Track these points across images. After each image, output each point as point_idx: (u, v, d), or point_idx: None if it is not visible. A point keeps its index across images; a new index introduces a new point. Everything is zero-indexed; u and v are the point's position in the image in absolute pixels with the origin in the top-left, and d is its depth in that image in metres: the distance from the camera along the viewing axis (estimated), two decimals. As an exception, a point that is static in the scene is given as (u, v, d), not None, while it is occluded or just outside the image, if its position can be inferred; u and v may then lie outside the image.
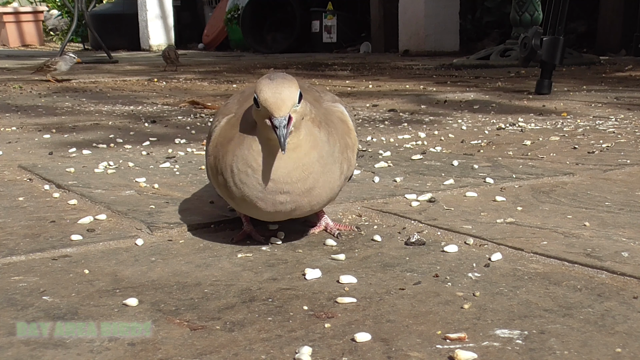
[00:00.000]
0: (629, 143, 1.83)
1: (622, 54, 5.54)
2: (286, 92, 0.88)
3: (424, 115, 2.49)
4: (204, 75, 4.64)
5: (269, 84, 0.89)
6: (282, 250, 1.01)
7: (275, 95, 0.88)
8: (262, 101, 0.88)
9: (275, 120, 0.88)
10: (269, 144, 0.92)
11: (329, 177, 0.96)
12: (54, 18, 11.37)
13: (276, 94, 0.88)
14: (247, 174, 0.93)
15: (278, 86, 0.89)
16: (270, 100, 0.88)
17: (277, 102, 0.88)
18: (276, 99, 0.88)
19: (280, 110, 0.88)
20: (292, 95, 0.89)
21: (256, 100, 0.89)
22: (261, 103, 0.88)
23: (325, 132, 0.95)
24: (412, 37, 6.32)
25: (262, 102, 0.88)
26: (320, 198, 0.97)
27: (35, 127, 2.33)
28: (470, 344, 0.70)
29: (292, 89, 0.89)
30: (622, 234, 1.04)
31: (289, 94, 0.88)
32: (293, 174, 0.92)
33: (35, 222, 1.17)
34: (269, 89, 0.88)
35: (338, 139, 0.98)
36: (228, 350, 0.69)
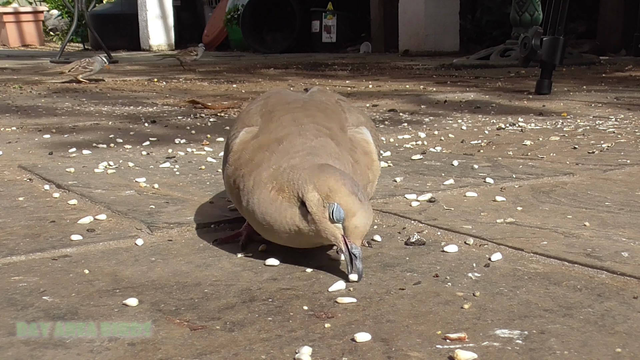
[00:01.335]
0: (629, 143, 1.83)
1: (622, 54, 5.54)
2: (371, 222, 0.86)
3: (424, 115, 2.49)
4: (204, 75, 4.64)
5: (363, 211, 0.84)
6: (282, 250, 1.01)
7: (367, 227, 0.85)
8: (352, 226, 0.84)
9: (355, 248, 0.85)
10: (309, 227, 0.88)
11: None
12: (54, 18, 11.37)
13: (367, 225, 0.85)
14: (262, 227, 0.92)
15: (369, 215, 0.85)
16: (360, 229, 0.85)
17: (364, 233, 0.85)
18: (365, 229, 0.85)
19: (363, 239, 0.86)
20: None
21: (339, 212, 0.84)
22: (349, 227, 0.84)
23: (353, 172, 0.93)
24: (412, 37, 6.32)
25: (350, 227, 0.84)
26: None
27: (35, 127, 2.33)
28: (470, 344, 0.70)
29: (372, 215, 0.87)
30: (622, 234, 1.04)
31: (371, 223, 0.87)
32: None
33: (35, 222, 1.17)
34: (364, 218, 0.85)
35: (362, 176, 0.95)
36: (228, 350, 0.69)
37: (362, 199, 0.84)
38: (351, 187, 0.84)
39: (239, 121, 1.02)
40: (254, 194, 0.90)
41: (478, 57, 4.96)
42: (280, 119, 0.96)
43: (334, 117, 0.98)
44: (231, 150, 0.97)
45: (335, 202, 0.83)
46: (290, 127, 0.94)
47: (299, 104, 1.00)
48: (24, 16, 10.27)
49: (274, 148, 0.92)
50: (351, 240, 0.85)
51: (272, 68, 5.25)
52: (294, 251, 0.98)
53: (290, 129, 0.93)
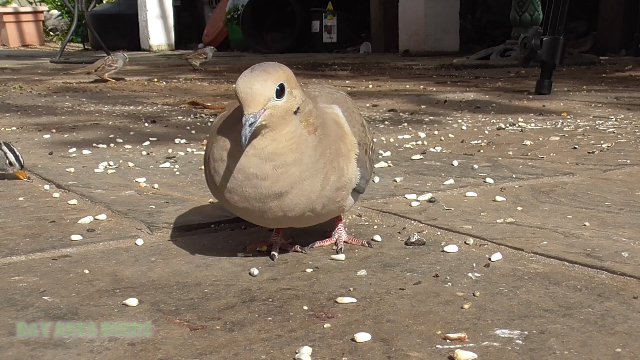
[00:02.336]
0: (629, 143, 1.83)
1: (622, 54, 5.54)
2: (258, 85, 0.81)
3: (424, 115, 2.49)
4: (204, 75, 4.64)
5: (244, 76, 0.83)
6: (282, 250, 1.01)
7: (246, 89, 0.82)
8: (236, 94, 0.83)
9: (244, 116, 0.81)
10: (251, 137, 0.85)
11: (305, 187, 0.87)
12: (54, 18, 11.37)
13: (247, 88, 0.82)
14: (222, 160, 0.87)
15: (252, 79, 0.82)
16: (240, 94, 0.82)
17: (246, 97, 0.81)
18: (246, 93, 0.82)
19: (249, 106, 0.81)
20: (266, 90, 0.82)
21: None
22: (236, 95, 0.83)
23: (315, 137, 0.87)
24: (412, 37, 6.32)
25: (236, 95, 0.83)
26: (294, 207, 0.88)
27: (35, 127, 2.33)
28: (470, 344, 0.70)
29: (267, 82, 0.82)
30: (622, 234, 1.04)
31: (261, 88, 0.81)
32: (263, 168, 0.84)
33: (35, 222, 1.17)
34: (242, 82, 0.82)
35: (329, 145, 0.89)
36: (228, 350, 0.69)
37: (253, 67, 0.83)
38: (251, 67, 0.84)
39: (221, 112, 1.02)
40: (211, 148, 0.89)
41: (478, 57, 4.96)
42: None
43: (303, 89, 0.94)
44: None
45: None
46: None
47: None
48: (24, 16, 10.26)
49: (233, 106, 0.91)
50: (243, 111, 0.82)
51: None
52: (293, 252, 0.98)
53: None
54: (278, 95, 0.83)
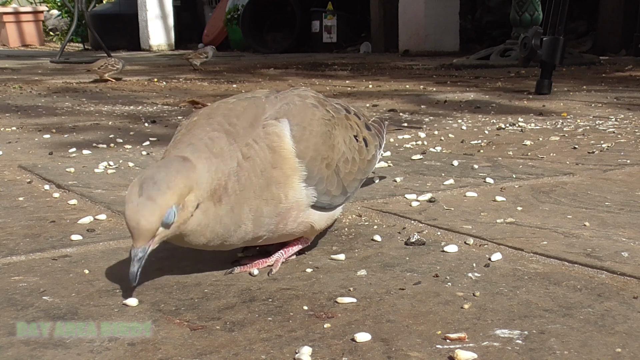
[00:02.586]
0: (629, 143, 1.83)
1: (622, 54, 5.54)
2: (143, 222, 0.76)
3: (424, 115, 2.49)
4: (204, 75, 4.64)
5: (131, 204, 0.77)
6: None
7: (132, 223, 0.77)
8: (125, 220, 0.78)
9: (132, 249, 0.78)
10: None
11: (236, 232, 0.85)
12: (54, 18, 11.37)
13: (133, 222, 0.77)
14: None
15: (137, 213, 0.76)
16: (128, 225, 0.77)
17: (133, 232, 0.77)
18: (132, 228, 0.77)
19: (138, 240, 0.77)
20: (151, 226, 0.76)
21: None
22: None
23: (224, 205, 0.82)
24: (412, 37, 6.32)
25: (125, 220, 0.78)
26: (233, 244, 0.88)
27: (35, 127, 2.33)
28: (470, 344, 0.70)
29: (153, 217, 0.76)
30: (622, 234, 1.04)
31: (147, 225, 0.76)
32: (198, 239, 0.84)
33: (35, 222, 1.17)
34: (129, 212, 0.77)
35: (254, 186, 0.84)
36: (228, 350, 0.69)
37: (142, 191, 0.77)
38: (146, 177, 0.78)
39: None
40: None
41: (478, 57, 4.96)
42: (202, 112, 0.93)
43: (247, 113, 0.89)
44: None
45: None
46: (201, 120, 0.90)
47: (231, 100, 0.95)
48: (24, 16, 10.27)
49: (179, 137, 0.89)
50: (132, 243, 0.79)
51: (272, 68, 5.25)
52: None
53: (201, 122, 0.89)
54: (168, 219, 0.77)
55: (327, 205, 0.93)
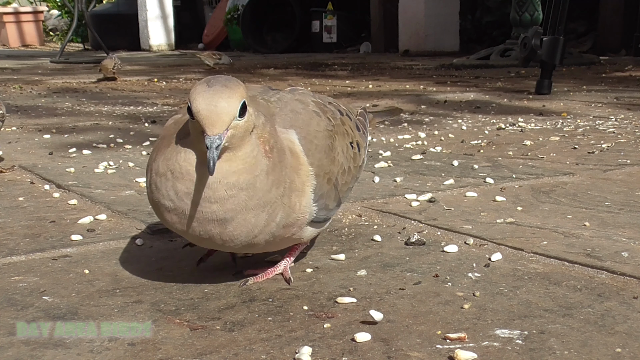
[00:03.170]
0: (629, 143, 1.83)
1: (622, 54, 5.54)
2: (223, 103, 0.73)
3: (424, 115, 2.49)
4: (204, 76, 4.64)
5: (204, 93, 0.74)
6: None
7: (210, 107, 0.73)
8: (195, 113, 0.74)
9: (207, 138, 0.73)
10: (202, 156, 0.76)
11: (250, 218, 0.79)
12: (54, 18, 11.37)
13: (210, 106, 0.73)
14: (166, 178, 0.78)
15: (214, 96, 0.74)
16: (203, 113, 0.73)
17: (210, 117, 0.73)
18: (210, 112, 0.73)
19: (214, 126, 0.73)
20: (231, 109, 0.74)
21: (190, 109, 0.75)
22: (194, 115, 0.74)
23: (270, 162, 0.79)
24: (412, 37, 6.32)
25: (195, 114, 0.74)
26: (234, 238, 0.80)
27: (35, 127, 2.33)
28: (470, 344, 0.70)
29: (231, 100, 0.74)
30: (622, 234, 1.04)
31: (227, 107, 0.74)
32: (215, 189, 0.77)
33: (35, 222, 1.17)
34: (203, 99, 0.74)
35: (284, 177, 0.80)
36: (228, 350, 0.69)
37: (210, 83, 0.74)
38: (207, 78, 0.76)
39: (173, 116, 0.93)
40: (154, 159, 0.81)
41: (478, 57, 4.96)
42: None
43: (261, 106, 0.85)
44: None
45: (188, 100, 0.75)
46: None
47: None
48: (24, 16, 10.26)
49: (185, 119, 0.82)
50: (205, 132, 0.73)
51: (272, 68, 5.25)
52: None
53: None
54: (240, 114, 0.75)
55: (322, 219, 0.88)
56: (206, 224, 0.78)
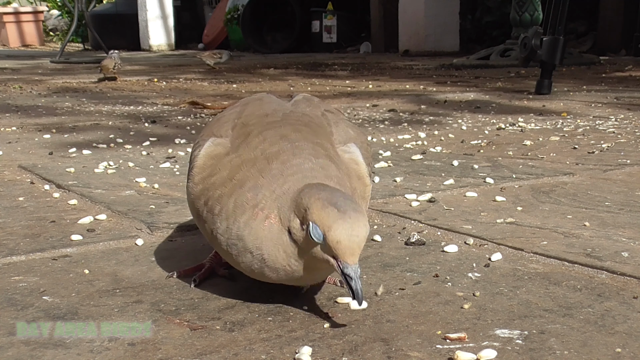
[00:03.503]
0: (629, 143, 1.83)
1: (622, 54, 5.54)
2: (363, 233, 0.70)
3: (424, 115, 2.49)
4: (204, 75, 4.64)
5: (342, 222, 0.69)
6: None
7: (352, 238, 0.69)
8: (333, 242, 0.69)
9: (348, 268, 0.69)
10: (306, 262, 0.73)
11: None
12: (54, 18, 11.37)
13: (353, 237, 0.69)
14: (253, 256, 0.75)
15: (354, 226, 0.69)
16: (345, 243, 0.69)
17: (352, 247, 0.69)
18: (352, 243, 0.69)
19: (355, 255, 0.69)
20: (367, 235, 0.71)
21: (316, 230, 0.70)
22: (330, 243, 0.69)
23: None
24: (412, 37, 6.32)
25: (331, 243, 0.69)
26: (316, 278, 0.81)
27: (35, 127, 2.33)
28: (470, 344, 0.70)
29: (367, 226, 0.71)
30: (622, 234, 1.04)
31: (366, 235, 0.70)
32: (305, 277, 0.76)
33: (35, 222, 1.17)
34: (344, 230, 0.69)
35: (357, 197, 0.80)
36: (228, 350, 0.69)
37: (342, 209, 0.69)
38: (328, 198, 0.71)
39: (207, 128, 0.88)
40: (236, 218, 0.75)
41: (478, 57, 4.96)
42: (262, 134, 0.81)
43: (320, 132, 0.83)
44: (196, 165, 0.83)
45: (310, 220, 0.70)
46: (280, 144, 0.79)
47: (277, 117, 0.85)
48: (24, 16, 10.26)
49: (262, 166, 0.77)
50: (341, 259, 0.70)
51: (272, 68, 5.25)
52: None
53: (281, 146, 0.79)
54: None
55: None
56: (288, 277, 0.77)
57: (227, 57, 5.18)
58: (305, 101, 0.92)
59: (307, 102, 0.92)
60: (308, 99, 0.93)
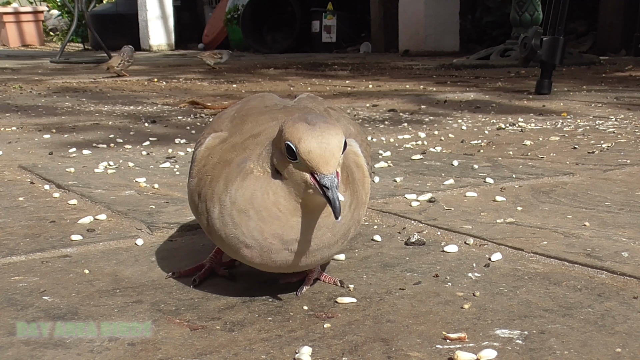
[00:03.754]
0: (629, 143, 1.83)
1: (622, 54, 5.54)
2: (334, 141, 0.70)
3: (424, 115, 2.49)
4: (204, 75, 4.64)
5: (311, 131, 0.70)
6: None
7: (322, 145, 0.69)
8: (304, 153, 0.69)
9: (324, 178, 0.69)
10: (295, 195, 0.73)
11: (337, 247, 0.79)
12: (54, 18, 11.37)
13: (323, 144, 0.69)
14: (248, 217, 0.74)
15: (324, 134, 0.70)
16: (316, 151, 0.69)
17: (325, 155, 0.69)
18: (324, 150, 0.69)
19: (329, 165, 0.69)
20: (341, 145, 0.70)
21: (290, 149, 0.70)
22: (302, 155, 0.69)
23: (349, 192, 0.77)
24: (412, 37, 6.33)
25: (303, 155, 0.69)
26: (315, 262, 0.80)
27: (35, 127, 2.33)
28: (470, 344, 0.70)
29: (339, 136, 0.70)
30: (622, 234, 1.04)
31: (338, 144, 0.70)
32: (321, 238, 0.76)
33: (35, 222, 1.17)
34: (314, 138, 0.69)
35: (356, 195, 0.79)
36: (228, 350, 0.69)
37: (312, 122, 0.70)
38: (300, 117, 0.72)
39: (208, 126, 0.89)
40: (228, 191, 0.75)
41: (478, 57, 4.96)
42: (256, 119, 0.83)
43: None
44: (195, 160, 0.84)
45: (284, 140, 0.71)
46: (269, 123, 0.81)
47: (278, 107, 0.87)
48: (24, 16, 10.27)
49: (248, 143, 0.78)
50: (316, 172, 0.69)
51: (272, 68, 5.25)
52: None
53: (270, 124, 0.81)
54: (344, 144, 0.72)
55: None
56: (291, 258, 0.76)
57: (227, 57, 5.19)
58: (309, 98, 0.94)
59: (310, 99, 0.94)
60: (311, 97, 0.95)
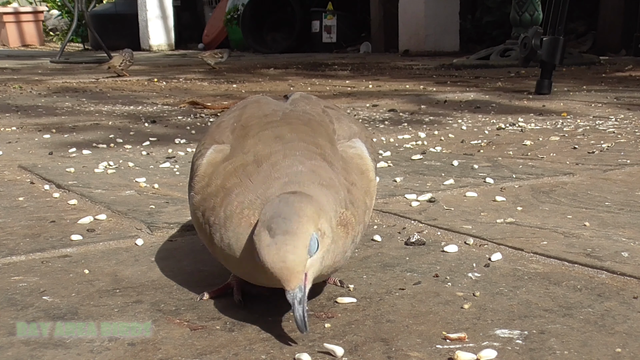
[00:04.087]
0: (629, 143, 1.83)
1: (622, 54, 5.54)
2: (291, 257, 0.66)
3: (424, 115, 2.49)
4: (204, 75, 4.64)
5: (268, 248, 0.66)
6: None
7: (279, 265, 0.66)
8: (265, 267, 0.67)
9: (287, 293, 0.67)
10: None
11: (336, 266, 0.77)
12: (54, 18, 11.37)
13: (279, 264, 0.66)
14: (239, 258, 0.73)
15: (280, 251, 0.66)
16: (273, 270, 0.67)
17: (282, 274, 0.66)
18: (280, 269, 0.66)
19: (290, 281, 0.67)
20: (302, 259, 0.67)
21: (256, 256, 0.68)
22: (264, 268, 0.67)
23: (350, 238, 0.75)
24: (412, 37, 6.32)
25: (265, 268, 0.67)
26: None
27: (35, 127, 2.33)
28: (470, 344, 0.70)
29: (297, 249, 0.66)
30: (622, 234, 1.04)
31: (297, 259, 0.66)
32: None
33: (35, 222, 1.17)
34: (269, 256, 0.66)
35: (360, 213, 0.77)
36: (228, 350, 0.69)
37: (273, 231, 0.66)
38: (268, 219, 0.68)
39: (208, 135, 0.86)
40: (227, 228, 0.73)
41: (478, 57, 4.96)
42: (258, 135, 0.79)
43: (320, 131, 0.81)
44: (197, 174, 0.80)
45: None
46: (272, 146, 0.77)
47: (277, 117, 0.83)
48: (24, 16, 10.27)
49: (251, 170, 0.75)
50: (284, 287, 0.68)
51: (272, 68, 5.25)
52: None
53: (273, 148, 0.77)
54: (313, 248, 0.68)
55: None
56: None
57: (227, 56, 5.20)
58: (304, 99, 0.91)
59: (305, 100, 0.90)
60: (305, 97, 0.92)
